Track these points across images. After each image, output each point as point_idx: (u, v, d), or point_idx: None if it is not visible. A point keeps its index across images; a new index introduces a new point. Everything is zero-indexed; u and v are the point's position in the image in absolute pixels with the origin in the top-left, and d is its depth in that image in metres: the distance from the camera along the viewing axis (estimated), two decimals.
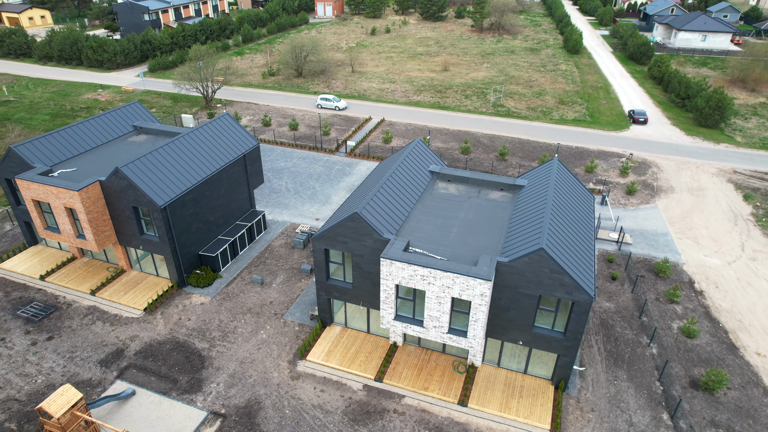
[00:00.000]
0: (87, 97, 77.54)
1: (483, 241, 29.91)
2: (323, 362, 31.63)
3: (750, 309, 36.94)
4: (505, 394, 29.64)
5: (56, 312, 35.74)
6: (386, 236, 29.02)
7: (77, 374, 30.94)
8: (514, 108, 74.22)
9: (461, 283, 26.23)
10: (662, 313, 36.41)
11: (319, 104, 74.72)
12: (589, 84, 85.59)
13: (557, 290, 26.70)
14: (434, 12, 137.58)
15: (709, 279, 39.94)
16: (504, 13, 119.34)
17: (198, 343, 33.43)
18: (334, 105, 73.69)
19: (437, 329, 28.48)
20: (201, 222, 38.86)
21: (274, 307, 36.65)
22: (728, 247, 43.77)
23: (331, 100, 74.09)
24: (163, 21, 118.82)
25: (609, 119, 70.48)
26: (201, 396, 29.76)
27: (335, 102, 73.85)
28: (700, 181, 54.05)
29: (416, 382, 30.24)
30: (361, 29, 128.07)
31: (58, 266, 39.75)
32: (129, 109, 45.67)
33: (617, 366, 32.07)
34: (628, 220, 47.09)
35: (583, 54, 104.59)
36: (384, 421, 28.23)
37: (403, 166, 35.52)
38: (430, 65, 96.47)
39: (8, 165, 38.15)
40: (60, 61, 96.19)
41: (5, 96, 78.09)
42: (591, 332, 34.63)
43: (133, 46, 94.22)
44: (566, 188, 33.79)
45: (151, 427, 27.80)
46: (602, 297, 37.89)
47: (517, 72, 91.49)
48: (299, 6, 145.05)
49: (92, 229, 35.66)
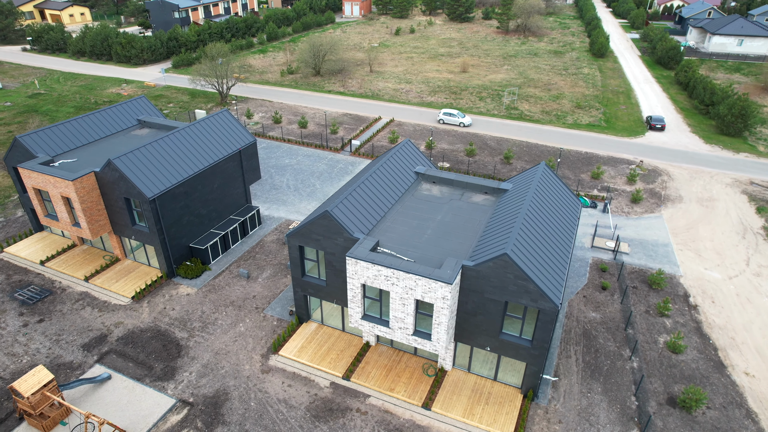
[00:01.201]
0: (111, 91, 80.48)
1: (455, 244, 29.63)
2: (295, 358, 31.96)
3: (745, 326, 35.31)
4: (471, 399, 29.27)
5: (50, 296, 37.30)
6: (356, 235, 29.11)
7: (60, 356, 32.24)
8: (528, 111, 72.97)
9: (423, 285, 26.08)
10: (650, 327, 35.20)
11: (441, 119, 67.40)
12: (610, 88, 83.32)
13: (522, 297, 26.22)
14: (461, 13, 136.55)
15: (705, 293, 38.36)
16: (530, 15, 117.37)
17: (178, 332, 34.31)
18: (459, 121, 66.22)
19: (402, 330, 28.39)
20: (192, 215, 39.81)
21: (257, 301, 37.23)
22: (732, 261, 41.91)
23: (455, 116, 66.52)
24: (192, 19, 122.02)
25: (625, 125, 68.45)
26: (173, 384, 30.54)
27: (459, 117, 66.28)
28: (712, 191, 51.91)
29: (383, 383, 30.21)
30: (386, 29, 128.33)
31: (58, 252, 41.47)
32: (135, 104, 47.19)
33: (593, 378, 31.20)
34: (628, 229, 45.68)
35: (609, 58, 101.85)
36: (345, 420, 28.33)
37: (387, 166, 35.50)
38: (449, 66, 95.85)
39: (15, 154, 40.03)
40: (92, 57, 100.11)
41: (36, 89, 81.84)
42: (571, 342, 33.81)
43: (159, 42, 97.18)
44: (550, 194, 33.08)
45: (120, 411, 28.71)
46: (589, 307, 36.92)
47: (537, 75, 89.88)
48: (326, 5, 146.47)
49: (86, 217, 37.06)
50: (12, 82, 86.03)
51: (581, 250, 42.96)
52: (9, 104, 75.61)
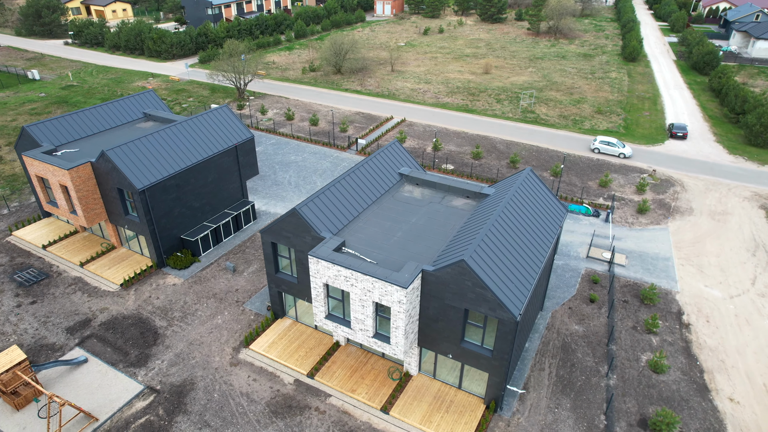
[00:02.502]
0: (137, 84, 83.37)
1: (423, 248, 29.21)
2: (264, 353, 32.29)
3: (738, 349, 33.34)
4: (431, 406, 28.83)
5: (46, 279, 39.00)
6: (324, 234, 29.12)
7: (44, 337, 33.67)
8: (545, 115, 71.13)
9: (380, 288, 25.84)
10: (634, 343, 33.73)
11: (597, 148, 58.62)
12: (636, 94, 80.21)
13: (481, 306, 25.60)
14: (492, 13, 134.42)
15: (701, 312, 36.44)
16: (562, 17, 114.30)
17: (158, 321, 35.24)
18: (618, 151, 57.48)
19: (363, 332, 28.22)
20: (184, 207, 40.76)
21: (239, 294, 37.81)
22: (736, 279, 39.64)
23: (614, 145, 57.78)
24: (224, 15, 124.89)
25: (645, 132, 65.76)
26: (144, 371, 31.40)
27: (619, 147, 57.56)
28: (727, 204, 49.22)
29: (346, 384, 30.13)
30: (415, 29, 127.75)
31: (60, 238, 43.31)
32: (142, 97, 48.70)
33: (564, 394, 30.17)
34: (629, 241, 43.88)
35: (641, 62, 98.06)
36: (303, 417, 28.43)
37: (369, 166, 35.33)
38: (472, 67, 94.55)
39: (22, 143, 42.02)
40: (126, 51, 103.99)
41: (70, 81, 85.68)
42: (548, 354, 32.79)
43: (189, 38, 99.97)
44: (530, 200, 32.14)
45: (90, 394, 29.74)
46: (573, 319, 35.70)
47: (562, 78, 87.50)
48: (358, 4, 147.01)
49: (82, 206, 38.53)
50: (50, 74, 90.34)
51: (575, 260, 41.59)
52: (43, 95, 79.45)
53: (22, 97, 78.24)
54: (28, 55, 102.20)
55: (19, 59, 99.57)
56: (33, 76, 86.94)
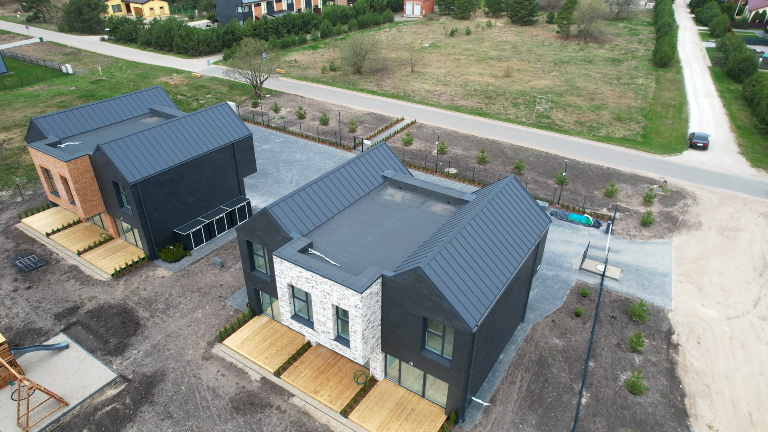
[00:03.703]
0: (161, 80, 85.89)
1: (390, 253, 28.93)
2: (236, 349, 32.69)
3: (727, 374, 31.57)
4: (392, 413, 28.52)
5: (45, 266, 40.65)
6: (293, 235, 29.23)
7: (33, 322, 35.10)
8: (561, 121, 69.28)
9: (338, 291, 25.74)
10: (615, 362, 32.43)
11: None
12: (661, 101, 77.13)
13: (438, 315, 25.14)
14: (523, 16, 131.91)
15: (692, 332, 34.70)
16: (593, 20, 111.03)
17: (141, 311, 36.19)
18: None
19: (325, 334, 28.18)
20: (178, 202, 41.68)
21: (222, 289, 38.42)
22: (738, 299, 37.56)
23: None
24: (254, 13, 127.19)
25: (664, 141, 63.14)
26: (120, 359, 32.31)
27: None
28: (739, 220, 46.70)
29: (310, 384, 30.17)
30: (442, 30, 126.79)
31: (64, 227, 45.06)
32: (150, 93, 50.12)
33: (532, 409, 29.29)
34: (627, 254, 42.23)
35: (672, 67, 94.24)
36: (263, 415, 28.62)
37: (352, 167, 35.25)
38: (494, 70, 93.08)
39: (32, 134, 43.91)
40: (156, 47, 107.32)
41: (99, 75, 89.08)
42: (521, 368, 31.92)
43: (216, 35, 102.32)
44: (509, 208, 31.32)
45: (66, 379, 30.81)
46: (554, 332, 34.62)
47: (585, 83, 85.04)
48: (387, 4, 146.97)
49: (80, 197, 39.98)
50: (82, 68, 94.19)
51: (567, 272, 40.33)
52: (73, 88, 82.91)
53: (54, 90, 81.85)
54: (66, 50, 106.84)
55: (58, 54, 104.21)
56: (66, 71, 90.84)
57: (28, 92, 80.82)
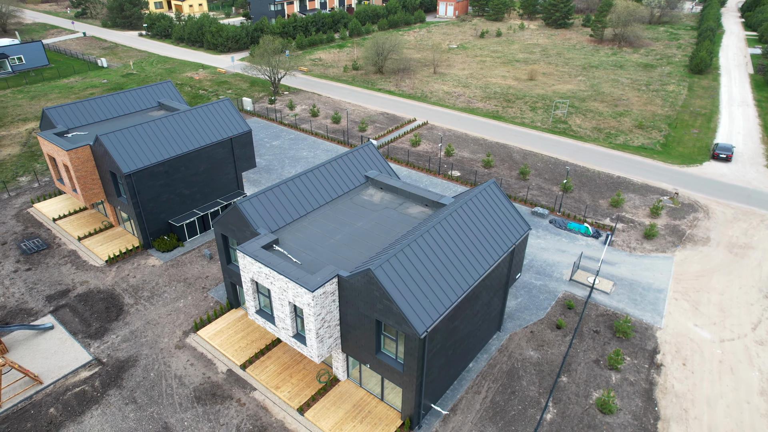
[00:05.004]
0: (187, 74, 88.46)
1: (355, 253, 28.75)
2: (208, 340, 33.27)
3: (710, 400, 29.79)
4: (349, 414, 28.35)
5: (46, 250, 42.55)
6: (260, 230, 29.48)
7: (25, 302, 36.79)
8: (578, 126, 67.14)
9: (293, 289, 25.80)
10: (590, 378, 31.15)
11: None
12: (690, 109, 73.59)
13: (389, 318, 24.81)
14: (557, 18, 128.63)
15: (679, 353, 32.92)
16: (628, 24, 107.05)
17: (127, 298, 37.35)
18: None
19: (285, 331, 28.31)
20: (173, 193, 42.75)
21: (207, 281, 39.18)
22: (735, 321, 35.39)
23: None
24: (287, 12, 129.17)
25: (685, 151, 60.20)
26: (98, 343, 33.44)
27: None
28: (752, 237, 43.98)
29: (273, 380, 30.37)
30: (473, 31, 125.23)
31: (70, 213, 47.03)
32: (159, 87, 51.65)
33: (493, 422, 28.50)
34: (623, 267, 40.49)
35: (709, 74, 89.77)
36: (222, 407, 29.01)
37: (333, 166, 35.25)
38: (518, 73, 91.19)
39: (44, 124, 46.03)
40: (188, 43, 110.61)
41: (130, 69, 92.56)
42: (489, 378, 31.11)
43: (245, 32, 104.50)
44: (483, 214, 30.55)
45: (45, 358, 32.14)
46: (531, 344, 33.57)
47: (611, 89, 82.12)
48: (420, 4, 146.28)
49: (81, 185, 41.63)
50: (117, 62, 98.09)
51: (556, 282, 39.05)
52: (105, 81, 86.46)
53: (87, 82, 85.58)
54: (104, 45, 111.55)
55: (97, 48, 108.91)
56: (101, 64, 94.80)
57: (63, 84, 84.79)
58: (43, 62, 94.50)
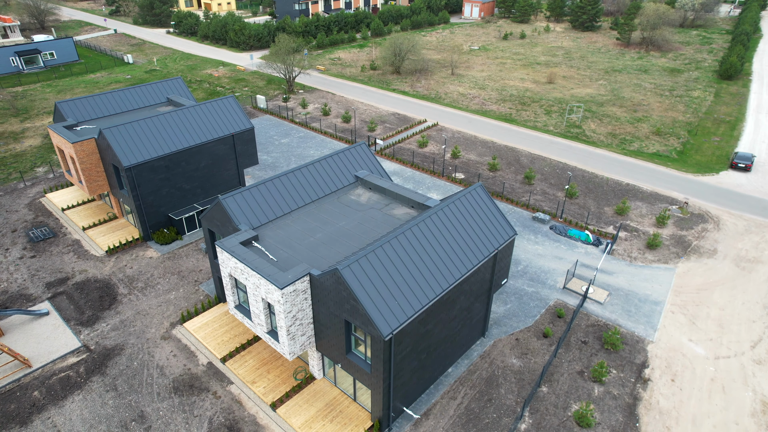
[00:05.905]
0: (207, 71, 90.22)
1: (333, 252, 28.76)
2: (193, 332, 33.84)
3: (695, 419, 28.61)
4: (320, 412, 28.39)
5: (52, 238, 44.05)
6: (241, 227, 29.80)
7: (26, 288, 38.16)
8: (592, 131, 65.52)
9: (265, 286, 25.99)
10: (572, 390, 30.34)
11: None
12: (713, 116, 70.90)
13: (356, 318, 24.73)
14: (584, 21, 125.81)
15: (669, 368, 31.74)
16: (656, 27, 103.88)
17: (121, 288, 38.33)
18: None
19: (260, 327, 28.54)
20: (173, 188, 43.65)
21: (200, 275, 39.85)
22: (734, 337, 33.90)
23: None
24: (311, 11, 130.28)
25: (702, 160, 58.03)
26: (88, 330, 34.42)
27: None
28: (764, 251, 42.04)
29: (250, 375, 30.66)
30: (496, 33, 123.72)
31: (79, 203, 48.57)
32: (169, 83, 52.82)
33: (465, 429, 28.06)
34: (621, 277, 39.29)
35: (739, 80, 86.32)
36: (197, 398, 29.45)
37: (323, 165, 35.36)
38: (537, 76, 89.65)
39: (56, 117, 47.66)
40: (212, 41, 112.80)
41: (153, 66, 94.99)
42: (467, 384, 30.66)
43: (266, 31, 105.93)
44: (466, 218, 30.11)
45: (37, 343, 33.27)
46: (515, 352, 32.93)
47: (632, 93, 79.85)
48: (445, 5, 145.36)
49: (85, 176, 42.94)
50: (143, 58, 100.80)
51: (549, 290, 38.19)
52: (129, 77, 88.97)
53: (112, 77, 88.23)
54: (133, 42, 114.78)
55: (125, 45, 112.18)
56: (127, 60, 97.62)
57: (90, 79, 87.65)
58: (73, 58, 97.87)
